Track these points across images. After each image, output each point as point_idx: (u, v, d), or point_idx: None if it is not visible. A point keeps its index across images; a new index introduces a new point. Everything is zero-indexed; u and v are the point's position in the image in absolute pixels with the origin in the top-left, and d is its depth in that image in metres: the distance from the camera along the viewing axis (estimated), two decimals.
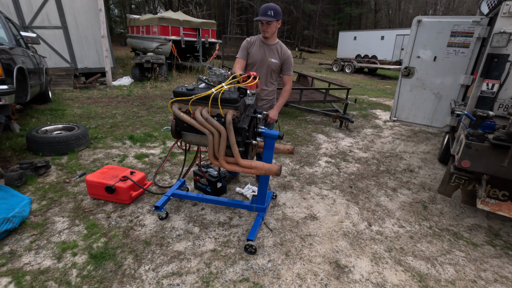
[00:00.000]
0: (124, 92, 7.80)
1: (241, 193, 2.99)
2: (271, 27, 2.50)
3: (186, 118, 1.97)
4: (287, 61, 2.65)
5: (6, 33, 3.97)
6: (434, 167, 3.99)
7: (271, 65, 2.63)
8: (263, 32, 2.55)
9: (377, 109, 7.59)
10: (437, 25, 3.29)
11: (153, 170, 3.43)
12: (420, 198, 3.14)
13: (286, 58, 2.64)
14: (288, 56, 2.65)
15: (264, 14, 2.44)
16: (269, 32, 2.53)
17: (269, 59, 2.61)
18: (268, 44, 2.63)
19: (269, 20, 2.43)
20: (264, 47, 2.62)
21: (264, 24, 2.49)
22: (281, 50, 2.64)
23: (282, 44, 2.68)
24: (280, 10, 2.51)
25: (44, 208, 2.57)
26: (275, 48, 2.63)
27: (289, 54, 2.67)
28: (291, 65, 2.69)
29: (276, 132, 2.19)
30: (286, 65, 2.67)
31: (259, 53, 2.62)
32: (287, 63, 2.67)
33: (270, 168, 2.00)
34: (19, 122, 4.61)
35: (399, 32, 21.25)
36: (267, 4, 2.47)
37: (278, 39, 2.69)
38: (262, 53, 2.62)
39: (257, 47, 2.62)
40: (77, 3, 8.43)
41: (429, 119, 3.67)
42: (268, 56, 2.61)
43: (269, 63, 2.62)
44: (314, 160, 4.03)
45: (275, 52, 2.62)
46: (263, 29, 2.52)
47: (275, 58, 2.62)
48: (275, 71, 2.68)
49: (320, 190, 3.17)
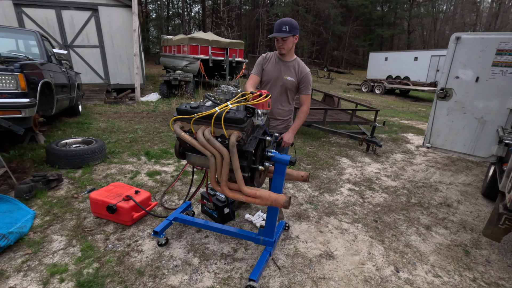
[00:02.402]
0: (150, 108, 8.00)
1: (250, 220, 2.73)
2: (287, 43, 2.32)
3: (187, 138, 1.80)
4: (304, 79, 2.44)
5: (39, 50, 4.19)
6: (477, 202, 3.45)
7: (286, 83, 2.43)
8: (279, 49, 2.37)
9: (409, 132, 7.04)
10: (479, 42, 2.93)
11: (162, 189, 3.29)
12: (461, 240, 2.66)
13: (303, 76, 2.44)
14: (306, 74, 2.44)
15: (279, 30, 2.27)
16: (286, 49, 2.35)
17: (285, 76, 2.42)
18: (284, 61, 2.44)
19: (285, 36, 2.26)
20: (280, 64, 2.44)
21: (279, 40, 2.32)
22: (298, 68, 2.44)
23: (300, 61, 2.48)
24: (297, 24, 2.33)
25: (46, 225, 2.49)
26: (292, 65, 2.44)
27: (307, 72, 2.46)
28: (309, 83, 2.48)
29: (287, 157, 1.94)
30: (303, 84, 2.46)
31: (274, 70, 2.44)
32: (305, 82, 2.45)
33: (277, 199, 1.74)
34: (46, 134, 4.79)
35: (434, 53, 20.39)
36: (281, 19, 2.30)
37: (296, 56, 2.50)
38: (278, 70, 2.43)
39: (273, 64, 2.45)
40: (115, 24, 9.00)
41: (470, 147, 3.22)
42: (284, 74, 2.42)
43: (284, 81, 2.43)
44: (335, 186, 3.68)
45: (291, 69, 2.43)
46: (279, 46, 2.35)
47: (291, 76, 2.42)
48: (291, 89, 2.48)
49: (340, 222, 2.82)
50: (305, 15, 33.00)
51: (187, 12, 36.61)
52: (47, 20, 8.25)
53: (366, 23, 37.75)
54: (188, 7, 36.70)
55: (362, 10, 34.96)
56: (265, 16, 30.73)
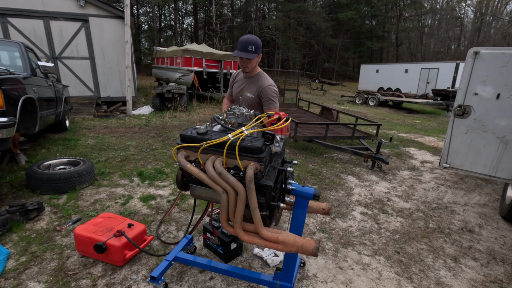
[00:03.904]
0: (142, 121, 7.65)
1: (260, 256, 2.41)
2: (252, 62, 2.17)
3: (193, 172, 1.50)
4: (263, 93, 2.20)
5: (23, 62, 3.85)
6: (499, 226, 3.22)
7: (247, 100, 2.28)
8: (243, 68, 2.23)
9: (410, 147, 6.89)
10: (499, 57, 2.76)
11: (158, 217, 2.95)
12: (494, 274, 2.40)
13: (262, 90, 2.21)
14: (264, 88, 2.19)
15: (244, 49, 2.09)
16: (249, 68, 2.21)
17: (246, 93, 2.28)
18: (248, 77, 2.31)
19: (251, 57, 2.10)
20: (244, 80, 2.33)
21: (244, 60, 2.15)
22: (258, 82, 2.24)
23: (262, 74, 2.29)
24: (261, 43, 2.17)
25: (21, 268, 2.11)
26: (254, 80, 2.28)
27: (265, 85, 2.20)
28: (271, 97, 2.21)
29: (311, 190, 1.66)
30: (264, 99, 2.22)
31: (239, 88, 2.34)
32: (265, 96, 2.21)
33: (304, 245, 1.44)
34: (28, 153, 4.38)
35: (424, 65, 20.85)
36: (246, 37, 2.10)
37: (260, 69, 2.33)
38: (241, 87, 2.33)
39: (239, 81, 2.34)
40: (106, 35, 8.70)
41: (491, 168, 3.01)
42: (245, 90, 2.29)
43: (245, 98, 2.29)
44: (346, 210, 3.40)
45: (253, 85, 2.27)
46: (243, 65, 2.19)
47: (251, 92, 2.26)
48: (254, 106, 2.26)
49: (360, 255, 2.53)
50: (297, 28, 33.52)
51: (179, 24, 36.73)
52: (35, 31, 7.90)
53: (356, 36, 38.60)
54: (181, 19, 36.83)
55: (352, 23, 35.77)
56: (258, 29, 31.03)
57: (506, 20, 32.76)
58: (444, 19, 38.78)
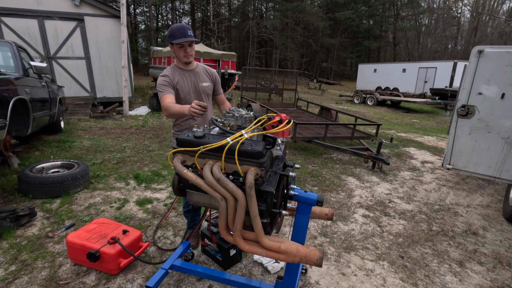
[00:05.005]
0: (139, 122, 7.54)
1: (260, 262, 2.33)
2: (193, 48, 2.14)
3: (190, 177, 1.42)
4: (216, 79, 2.37)
5: (15, 62, 3.74)
6: (503, 228, 3.16)
7: (206, 90, 2.27)
8: (187, 57, 2.12)
9: (410, 147, 6.83)
10: (505, 56, 2.70)
11: (154, 221, 2.86)
12: (502, 280, 2.33)
13: (215, 77, 2.36)
14: (217, 75, 2.38)
15: (185, 35, 2.01)
16: (193, 55, 2.17)
17: (201, 84, 2.25)
18: (190, 69, 2.22)
19: (197, 40, 2.13)
20: (188, 74, 2.20)
21: (186, 47, 2.07)
22: (209, 71, 2.34)
23: (203, 64, 2.38)
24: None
25: (10, 277, 2.02)
26: (201, 71, 2.27)
27: (214, 71, 2.40)
28: (219, 79, 2.42)
29: (314, 195, 1.58)
30: (218, 85, 2.38)
31: (188, 82, 2.20)
32: (218, 82, 2.38)
33: (308, 255, 1.36)
34: (21, 156, 4.27)
35: (421, 65, 20.87)
36: (180, 24, 2.07)
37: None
38: (192, 81, 2.21)
39: (182, 78, 2.17)
40: (102, 35, 8.58)
41: (496, 169, 2.95)
42: (199, 82, 2.25)
43: (203, 89, 2.25)
44: (348, 212, 3.33)
45: (203, 75, 2.28)
46: (187, 52, 2.10)
47: (206, 82, 2.28)
48: (210, 94, 2.34)
49: (363, 261, 2.45)
50: (295, 27, 33.45)
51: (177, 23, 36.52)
52: (29, 31, 7.77)
53: (354, 35, 38.61)
54: (178, 18, 36.63)
55: (350, 23, 35.77)
56: (255, 29, 30.93)
57: (503, 19, 32.89)
58: (441, 18, 38.90)
